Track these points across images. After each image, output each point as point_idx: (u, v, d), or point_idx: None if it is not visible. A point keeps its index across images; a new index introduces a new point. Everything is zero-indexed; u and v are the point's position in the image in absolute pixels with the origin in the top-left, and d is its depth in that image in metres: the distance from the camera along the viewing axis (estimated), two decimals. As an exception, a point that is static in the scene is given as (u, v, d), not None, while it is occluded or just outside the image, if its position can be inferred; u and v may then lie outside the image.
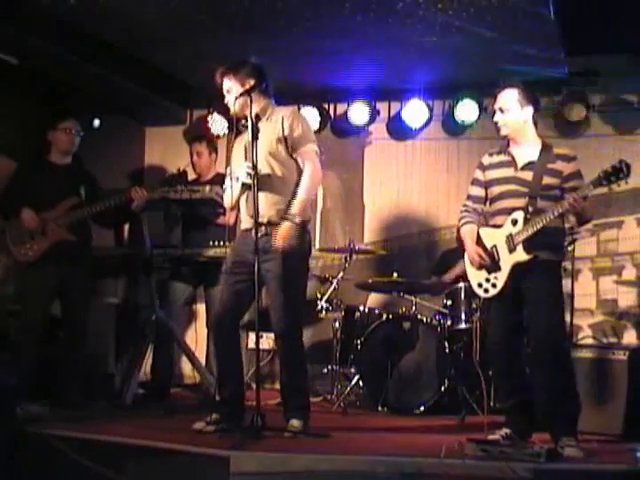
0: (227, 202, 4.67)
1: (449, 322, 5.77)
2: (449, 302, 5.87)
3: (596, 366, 4.73)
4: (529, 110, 4.33)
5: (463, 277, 4.62)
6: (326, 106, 6.96)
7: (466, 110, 6.64)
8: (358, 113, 6.86)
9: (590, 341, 6.23)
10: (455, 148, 6.90)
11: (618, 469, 3.74)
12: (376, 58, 6.15)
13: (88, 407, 5.16)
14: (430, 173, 6.97)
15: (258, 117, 4.48)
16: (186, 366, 6.63)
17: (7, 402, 4.73)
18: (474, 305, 5.67)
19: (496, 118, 4.37)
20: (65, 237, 5.24)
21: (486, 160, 4.47)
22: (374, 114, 6.88)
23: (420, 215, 6.96)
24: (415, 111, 6.76)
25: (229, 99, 4.47)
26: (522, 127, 4.34)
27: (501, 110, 4.34)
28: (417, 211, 6.98)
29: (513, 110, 4.31)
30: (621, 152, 5.73)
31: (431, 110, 6.78)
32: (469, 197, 4.54)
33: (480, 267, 4.34)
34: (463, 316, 5.77)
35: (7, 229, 5.27)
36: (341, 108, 6.99)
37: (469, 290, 5.57)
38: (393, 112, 6.99)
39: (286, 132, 4.44)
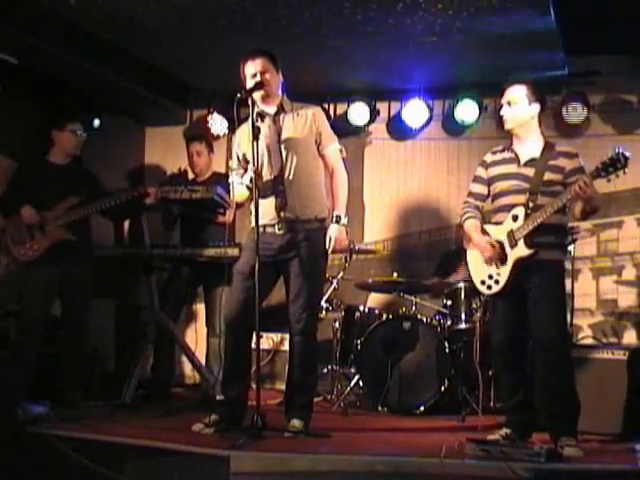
0: (239, 196, 4.50)
1: (449, 322, 5.77)
2: (449, 302, 5.87)
3: (596, 366, 4.73)
4: (536, 107, 4.33)
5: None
6: (326, 106, 6.94)
7: (466, 110, 6.63)
8: (358, 113, 6.85)
9: (590, 341, 6.23)
10: (455, 148, 6.90)
11: (618, 469, 3.74)
12: (376, 58, 6.15)
13: (88, 407, 5.16)
14: (430, 173, 6.97)
15: (283, 109, 4.48)
16: (186, 366, 6.64)
17: (7, 402, 4.75)
18: (474, 305, 5.68)
19: (503, 111, 4.36)
20: (65, 237, 5.24)
21: (489, 158, 4.47)
22: (374, 114, 6.87)
23: (420, 215, 6.96)
24: (415, 111, 6.75)
25: (261, 79, 4.36)
26: (527, 123, 4.33)
27: (509, 104, 4.32)
28: (417, 211, 6.97)
29: (521, 104, 4.30)
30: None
31: (431, 110, 6.77)
32: (470, 194, 4.53)
33: (491, 258, 4.28)
34: (463, 316, 5.77)
35: (7, 229, 5.27)
36: (341, 108, 6.98)
37: (469, 290, 5.61)
38: (393, 112, 6.99)
39: (319, 129, 4.47)
